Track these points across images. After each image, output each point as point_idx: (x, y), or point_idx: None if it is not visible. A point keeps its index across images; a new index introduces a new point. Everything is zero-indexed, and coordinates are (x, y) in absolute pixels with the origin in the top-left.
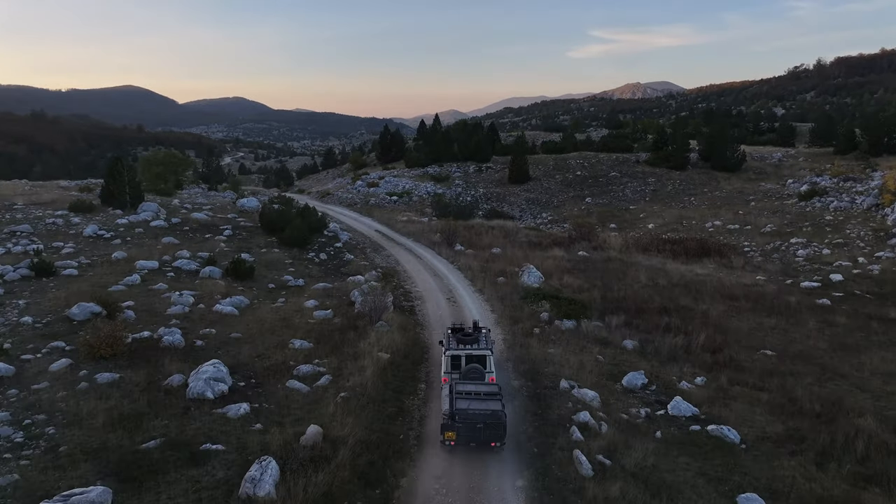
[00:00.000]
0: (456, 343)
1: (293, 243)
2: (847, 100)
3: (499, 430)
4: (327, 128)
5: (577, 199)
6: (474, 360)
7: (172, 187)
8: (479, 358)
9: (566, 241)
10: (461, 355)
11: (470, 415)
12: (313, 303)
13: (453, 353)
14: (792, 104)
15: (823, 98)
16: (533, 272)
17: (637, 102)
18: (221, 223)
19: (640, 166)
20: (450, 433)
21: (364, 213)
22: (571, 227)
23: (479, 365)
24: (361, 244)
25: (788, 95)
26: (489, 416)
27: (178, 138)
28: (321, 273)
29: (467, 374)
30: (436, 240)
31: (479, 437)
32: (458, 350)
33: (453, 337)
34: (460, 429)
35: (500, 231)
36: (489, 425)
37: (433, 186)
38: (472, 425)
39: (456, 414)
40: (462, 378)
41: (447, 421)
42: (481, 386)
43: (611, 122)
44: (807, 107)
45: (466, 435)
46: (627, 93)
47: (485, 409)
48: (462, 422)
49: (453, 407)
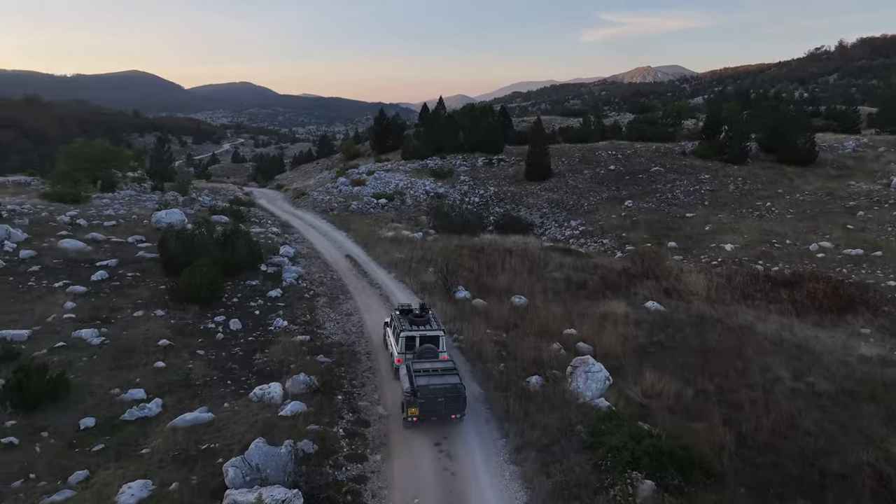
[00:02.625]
0: (408, 324)
1: (193, 297)
2: (873, 82)
3: (459, 402)
4: (333, 113)
5: (614, 202)
6: (428, 341)
7: (82, 191)
8: (432, 338)
9: (621, 279)
10: (416, 336)
11: (431, 390)
12: (139, 492)
13: (408, 333)
14: (814, 87)
15: (847, 80)
16: (594, 372)
17: (650, 86)
18: (105, 256)
19: (686, 159)
20: (413, 409)
21: (339, 225)
22: (629, 257)
23: (433, 345)
24: (315, 289)
25: (810, 78)
26: (450, 390)
27: (176, 123)
28: (212, 373)
29: (422, 353)
30: (428, 279)
31: (441, 411)
32: (412, 331)
33: (404, 318)
34: (422, 404)
35: (522, 257)
36: (450, 398)
37: (433, 184)
38: (434, 399)
39: (417, 390)
40: (417, 358)
41: (409, 398)
42: (437, 363)
43: (635, 105)
44: (830, 89)
45: (428, 409)
46: (638, 76)
47: (444, 383)
48: (424, 397)
49: (414, 384)
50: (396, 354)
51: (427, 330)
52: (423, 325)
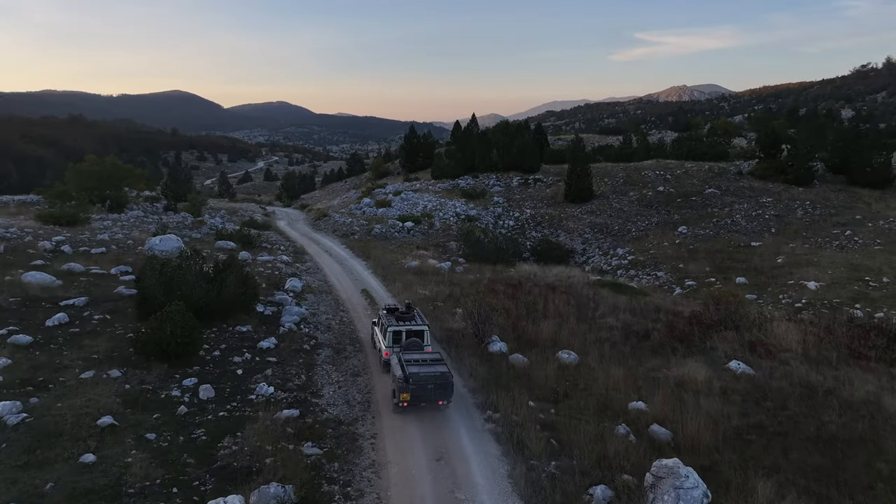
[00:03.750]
0: (395, 321)
1: (161, 352)
2: None
3: (447, 389)
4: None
5: (666, 228)
6: (413, 335)
7: (81, 212)
8: (417, 333)
9: (692, 328)
10: (402, 330)
11: (422, 377)
12: None
13: (395, 328)
14: (861, 105)
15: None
16: (688, 488)
17: (687, 105)
18: (74, 293)
19: (743, 179)
20: (405, 395)
21: (358, 252)
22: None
23: (418, 339)
24: (318, 336)
25: (856, 96)
26: (439, 378)
27: (212, 142)
28: (155, 474)
29: (408, 346)
30: (456, 325)
31: (430, 397)
32: (399, 326)
33: (391, 316)
34: (414, 390)
35: (566, 294)
36: (439, 385)
37: (464, 206)
38: (424, 386)
39: (409, 377)
40: (403, 350)
41: (402, 384)
42: (424, 354)
43: (678, 122)
44: (880, 107)
45: (419, 395)
46: (673, 95)
47: (434, 371)
48: (415, 384)
49: (406, 372)
50: (384, 348)
51: (412, 325)
52: (409, 321)
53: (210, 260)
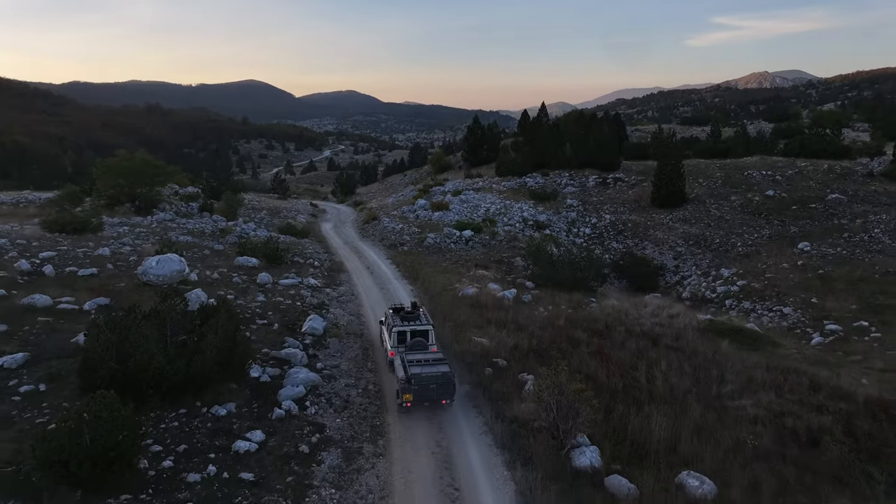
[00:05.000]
0: (400, 321)
1: (73, 474)
2: None
3: (449, 388)
4: (434, 120)
5: (782, 243)
6: (418, 335)
7: (91, 217)
8: (422, 332)
9: (882, 429)
10: (406, 330)
11: (424, 377)
12: None
13: (400, 328)
14: None
15: None
16: None
17: (769, 92)
18: (14, 346)
19: (875, 182)
20: (407, 395)
21: (405, 270)
22: (868, 366)
23: (423, 338)
24: (328, 423)
25: None
26: (441, 378)
27: (280, 130)
28: None
29: (412, 346)
30: (524, 409)
31: (433, 397)
32: (403, 326)
33: (397, 315)
34: (416, 390)
35: (675, 352)
36: (441, 385)
37: (532, 210)
38: (427, 386)
39: (412, 378)
40: (408, 350)
41: (405, 385)
42: (428, 354)
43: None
44: None
45: (422, 395)
46: (753, 82)
47: (436, 371)
48: (417, 384)
49: (408, 373)
50: (390, 348)
51: (417, 325)
52: (414, 321)
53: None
